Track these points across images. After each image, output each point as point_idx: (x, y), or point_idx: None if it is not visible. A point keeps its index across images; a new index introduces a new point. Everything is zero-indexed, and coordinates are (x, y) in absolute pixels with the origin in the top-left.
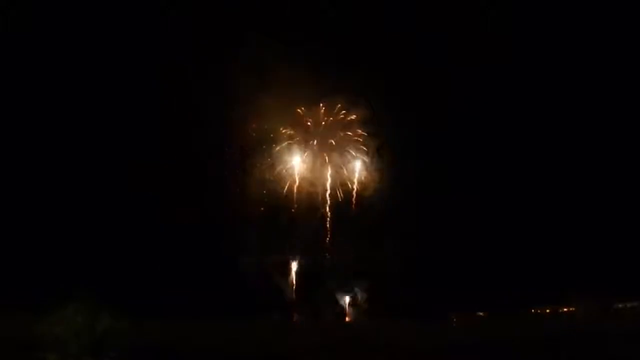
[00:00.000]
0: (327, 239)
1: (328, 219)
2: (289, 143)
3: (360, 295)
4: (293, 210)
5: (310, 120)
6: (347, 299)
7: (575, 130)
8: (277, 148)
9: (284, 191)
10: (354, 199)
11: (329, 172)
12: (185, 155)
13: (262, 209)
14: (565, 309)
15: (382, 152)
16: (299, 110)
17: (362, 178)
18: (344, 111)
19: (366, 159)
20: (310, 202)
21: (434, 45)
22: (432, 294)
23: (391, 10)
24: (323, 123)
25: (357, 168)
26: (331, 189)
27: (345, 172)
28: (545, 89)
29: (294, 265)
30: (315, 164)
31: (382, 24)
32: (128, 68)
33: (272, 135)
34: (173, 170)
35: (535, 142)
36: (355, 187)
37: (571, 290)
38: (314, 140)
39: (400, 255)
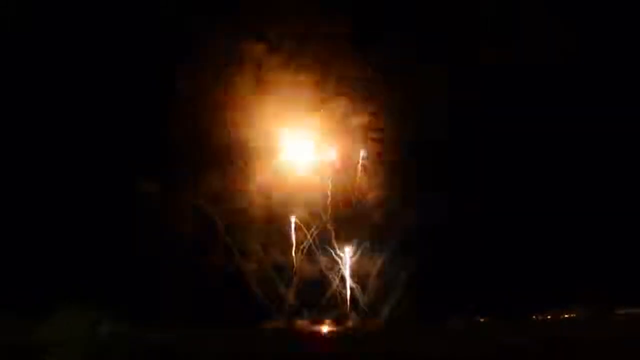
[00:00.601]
0: (328, 241)
1: (329, 220)
2: (290, 145)
3: (361, 299)
4: (294, 212)
5: (311, 122)
6: (348, 302)
7: (576, 132)
8: (278, 150)
9: (285, 193)
10: (355, 200)
11: (330, 174)
12: (184, 156)
13: (263, 212)
14: (566, 315)
15: (383, 153)
16: (299, 113)
17: (363, 179)
18: (344, 113)
19: (367, 160)
20: (311, 204)
21: (434, 45)
22: (432, 297)
23: (391, 10)
24: (324, 126)
25: (359, 169)
26: (332, 190)
27: (346, 173)
28: (546, 89)
29: (295, 269)
30: (316, 166)
31: (382, 24)
32: (127, 68)
33: (272, 137)
34: (173, 171)
35: (535, 143)
36: (356, 188)
37: (572, 296)
38: (314, 142)
39: (401, 256)
